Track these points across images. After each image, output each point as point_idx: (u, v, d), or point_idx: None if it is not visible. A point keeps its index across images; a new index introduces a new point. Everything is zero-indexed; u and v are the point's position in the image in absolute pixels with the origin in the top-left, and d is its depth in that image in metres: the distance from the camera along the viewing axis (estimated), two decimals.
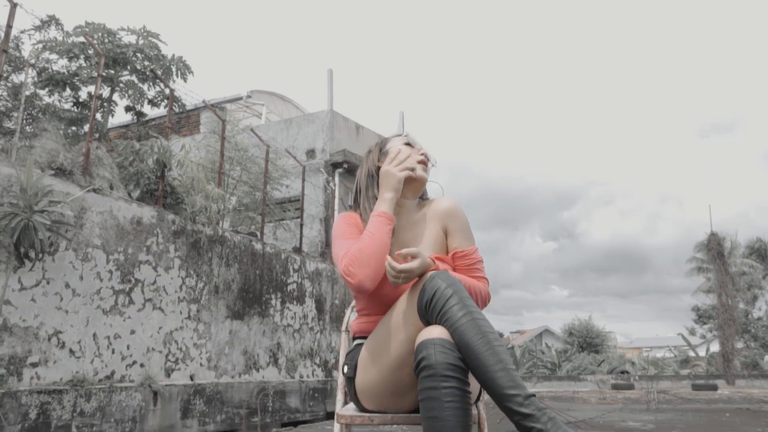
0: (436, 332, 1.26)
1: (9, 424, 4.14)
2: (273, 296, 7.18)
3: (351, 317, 1.74)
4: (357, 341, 1.55)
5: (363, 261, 1.39)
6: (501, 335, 36.77)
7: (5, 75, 6.47)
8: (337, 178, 10.67)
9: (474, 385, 1.43)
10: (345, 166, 10.70)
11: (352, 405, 1.53)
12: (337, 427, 1.47)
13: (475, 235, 1.66)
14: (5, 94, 5.79)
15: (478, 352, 1.22)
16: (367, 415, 1.39)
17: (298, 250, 8.11)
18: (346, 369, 1.50)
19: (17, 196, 4.23)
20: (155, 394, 5.28)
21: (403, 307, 1.37)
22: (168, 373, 5.57)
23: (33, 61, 6.67)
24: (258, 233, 7.41)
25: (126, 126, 9.17)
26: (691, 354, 23.74)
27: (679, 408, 6.56)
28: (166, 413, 5.38)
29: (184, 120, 11.97)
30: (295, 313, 7.59)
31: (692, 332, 22.79)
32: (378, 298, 1.48)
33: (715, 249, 15.32)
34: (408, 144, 1.64)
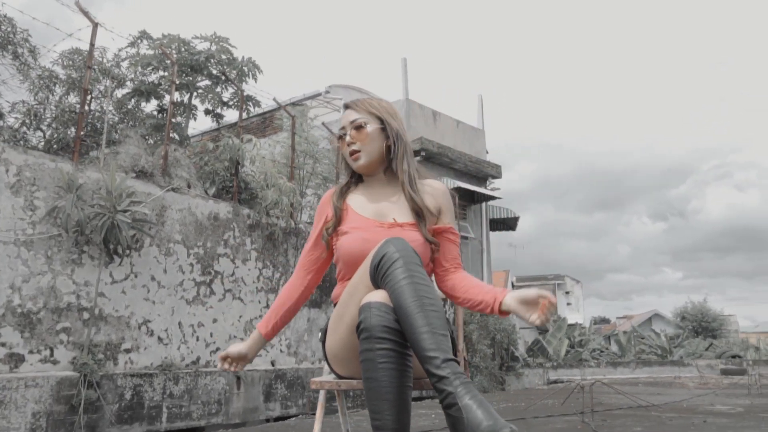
0: (377, 296, 1.29)
1: (107, 404, 4.60)
2: None
3: None
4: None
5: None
6: (606, 320, 35.18)
7: (111, 91, 7.12)
8: None
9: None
10: (423, 153, 10.71)
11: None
12: (321, 392, 1.53)
13: (575, 218, 1.71)
14: (96, 107, 6.36)
15: (409, 314, 1.23)
16: (335, 380, 1.44)
17: None
18: (320, 334, 1.56)
19: (103, 197, 4.66)
20: (238, 378, 5.62)
21: (360, 272, 1.40)
22: None
23: (131, 77, 7.28)
24: None
25: (217, 130, 9.76)
26: None
27: None
28: (249, 396, 5.71)
29: (268, 120, 12.52)
30: None
31: None
32: (352, 261, 1.53)
33: None
34: (341, 136, 1.65)
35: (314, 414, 6.06)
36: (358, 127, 1.60)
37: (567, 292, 30.41)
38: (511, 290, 1.47)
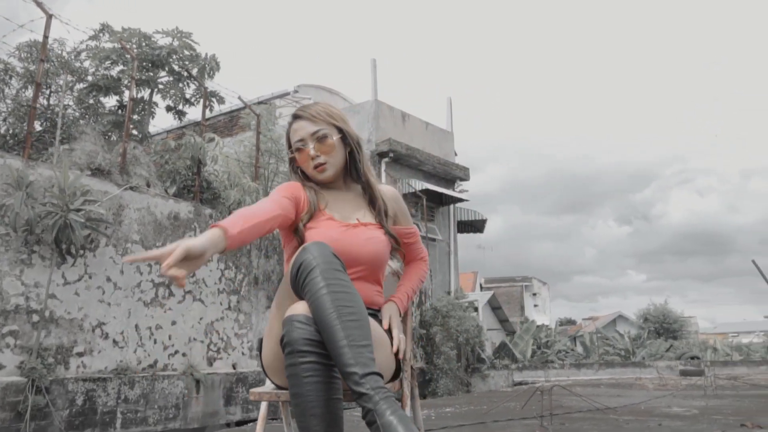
0: (298, 308, 1.24)
1: (57, 410, 4.43)
2: None
3: None
4: None
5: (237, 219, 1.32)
6: (572, 322, 35.67)
7: (70, 85, 6.89)
8: (383, 168, 10.67)
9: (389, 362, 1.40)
10: (391, 155, 10.69)
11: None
12: (263, 404, 1.47)
13: (543, 221, 1.72)
14: (55, 102, 6.15)
15: (328, 327, 1.19)
16: (275, 391, 1.38)
17: None
18: (257, 344, 1.51)
19: (55, 196, 4.50)
20: (197, 382, 5.50)
21: (284, 282, 1.36)
22: (210, 362, 5.78)
23: (92, 71, 7.06)
24: None
25: (181, 129, 9.55)
26: None
27: (742, 394, 6.14)
28: (209, 400, 5.59)
29: (235, 119, 12.33)
30: None
31: None
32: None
33: None
34: (300, 149, 1.57)
35: (275, 418, 5.96)
36: (322, 139, 1.56)
37: (534, 294, 30.77)
38: (395, 304, 1.56)
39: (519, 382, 10.14)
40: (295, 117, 1.61)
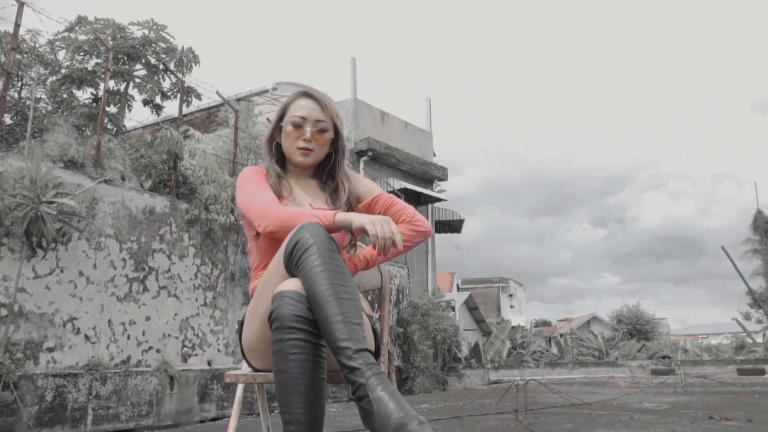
0: (290, 285, 1.24)
1: (26, 406, 4.34)
2: None
3: None
4: None
5: (283, 226, 1.37)
6: (547, 323, 36.05)
7: (43, 78, 6.75)
8: (362, 166, 10.68)
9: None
10: (370, 154, 10.70)
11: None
12: (239, 387, 1.46)
13: (520, 223, 1.66)
14: (26, 95, 6.02)
15: (322, 303, 1.19)
16: (251, 374, 1.38)
17: None
18: (237, 327, 1.50)
19: (26, 187, 4.40)
20: (171, 378, 5.43)
21: (275, 260, 1.36)
22: (185, 358, 5.71)
23: (67, 63, 6.92)
24: None
25: (158, 123, 9.43)
26: (748, 341, 22.69)
27: (711, 391, 6.28)
28: (183, 397, 5.52)
29: (213, 116, 12.21)
30: None
31: (747, 317, 21.78)
32: (270, 250, 1.48)
33: (762, 227, 14.54)
34: (298, 125, 1.56)
35: (252, 414, 5.92)
36: (322, 131, 1.57)
37: (511, 295, 31.06)
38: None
39: (494, 381, 10.23)
40: (306, 95, 1.60)
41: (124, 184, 5.37)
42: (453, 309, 12.62)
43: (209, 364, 5.97)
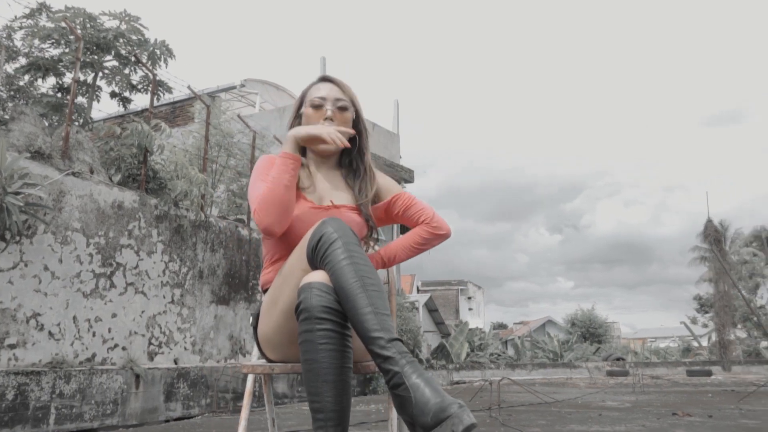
0: (317, 276, 1.26)
1: None
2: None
3: None
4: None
5: (268, 207, 1.40)
6: (504, 326, 36.69)
7: (1, 64, 6.48)
8: None
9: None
10: None
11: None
12: (249, 378, 1.47)
13: (479, 227, 1.67)
14: None
15: (351, 295, 1.21)
16: (268, 364, 1.39)
17: None
18: (251, 320, 1.50)
19: None
20: (137, 377, 5.31)
21: (296, 253, 1.37)
22: (151, 356, 5.59)
23: (26, 50, 6.67)
24: (245, 219, 7.42)
25: (123, 116, 9.18)
26: (695, 344, 23.67)
27: (666, 390, 6.55)
28: (148, 396, 5.41)
29: (179, 110, 11.98)
30: None
31: (694, 321, 22.72)
32: (285, 243, 1.49)
33: (711, 236, 15.23)
34: (318, 105, 1.58)
35: (221, 413, 5.84)
36: (342, 109, 1.57)
37: (469, 298, 31.46)
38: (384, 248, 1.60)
39: (457, 382, 10.36)
40: (324, 79, 1.61)
41: (92, 177, 5.23)
42: (417, 310, 12.73)
43: (175, 362, 5.86)
